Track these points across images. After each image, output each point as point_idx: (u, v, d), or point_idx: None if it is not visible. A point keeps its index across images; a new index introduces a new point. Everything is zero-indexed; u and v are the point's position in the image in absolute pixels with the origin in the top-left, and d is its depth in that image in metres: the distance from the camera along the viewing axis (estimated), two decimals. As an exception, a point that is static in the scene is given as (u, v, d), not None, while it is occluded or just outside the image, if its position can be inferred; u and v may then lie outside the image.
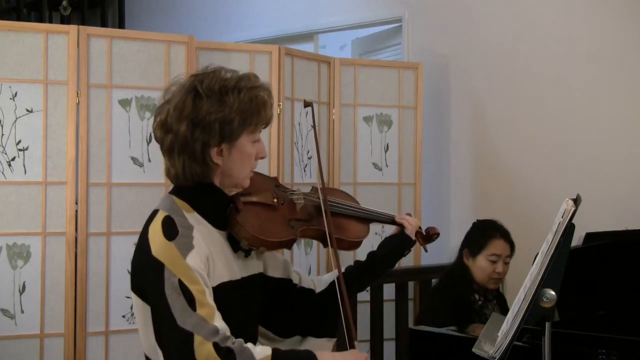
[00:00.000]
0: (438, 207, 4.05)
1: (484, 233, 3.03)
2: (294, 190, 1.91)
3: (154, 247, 1.62)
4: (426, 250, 2.16)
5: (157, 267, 1.60)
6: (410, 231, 2.02)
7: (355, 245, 1.95)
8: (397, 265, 3.69)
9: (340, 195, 2.08)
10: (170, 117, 1.69)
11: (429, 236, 2.08)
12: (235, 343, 1.57)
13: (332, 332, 1.96)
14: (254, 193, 1.80)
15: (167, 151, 1.71)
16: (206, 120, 1.66)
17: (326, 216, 1.81)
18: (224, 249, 1.74)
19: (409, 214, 2.10)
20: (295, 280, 1.95)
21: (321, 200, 1.85)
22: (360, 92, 3.73)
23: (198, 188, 1.72)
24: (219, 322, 1.58)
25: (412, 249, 3.66)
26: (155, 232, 1.64)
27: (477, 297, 2.98)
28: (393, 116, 3.79)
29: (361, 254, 2.06)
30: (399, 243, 2.02)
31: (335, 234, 1.88)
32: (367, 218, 2.00)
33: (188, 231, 1.65)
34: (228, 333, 1.58)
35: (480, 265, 2.97)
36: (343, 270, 1.98)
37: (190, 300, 1.57)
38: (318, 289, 1.95)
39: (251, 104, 1.70)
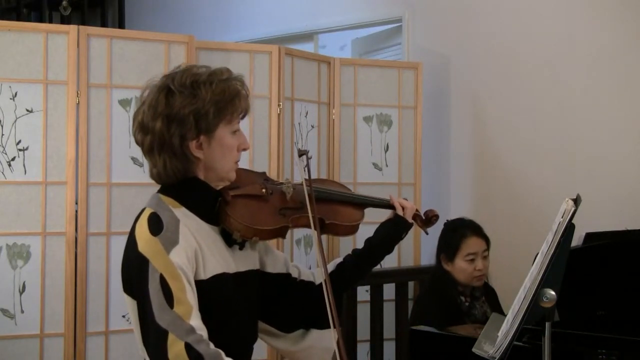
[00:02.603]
0: (438, 207, 3.98)
1: (455, 234, 3.02)
2: (283, 182, 1.91)
3: (140, 243, 1.63)
4: (427, 233, 2.14)
5: (143, 263, 1.60)
6: (406, 214, 2.00)
7: (351, 229, 1.94)
8: (397, 265, 3.73)
9: (333, 184, 2.08)
10: (146, 117, 1.70)
11: (428, 219, 2.06)
12: (210, 349, 1.56)
13: (335, 323, 1.95)
14: (242, 186, 1.81)
15: (148, 151, 1.72)
16: (180, 114, 1.67)
17: (309, 199, 1.80)
18: (217, 243, 1.74)
19: (405, 199, 2.07)
20: (295, 274, 1.95)
21: (303, 182, 1.84)
22: (360, 92, 3.73)
23: (183, 184, 1.72)
24: (195, 322, 1.57)
25: (412, 246, 3.72)
26: (142, 229, 1.65)
27: (463, 299, 2.97)
28: (393, 116, 3.79)
29: (361, 243, 2.05)
30: (394, 227, 2.00)
31: (330, 219, 1.88)
32: (361, 203, 2.00)
33: (174, 226, 1.65)
34: (204, 334, 1.58)
35: (460, 267, 2.97)
36: (341, 259, 2.00)
37: (168, 296, 1.57)
38: (318, 281, 1.94)
39: (224, 94, 1.70)
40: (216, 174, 1.75)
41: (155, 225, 1.64)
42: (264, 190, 1.83)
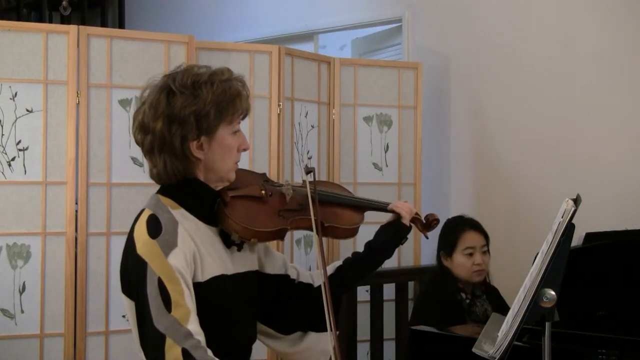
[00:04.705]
0: (438, 207, 4.04)
1: (454, 230, 3.03)
2: (283, 183, 1.90)
3: (138, 245, 1.63)
4: (427, 237, 2.14)
5: (141, 265, 1.60)
6: (405, 218, 1.98)
7: (350, 232, 1.93)
8: (397, 265, 3.72)
9: (332, 186, 2.08)
10: (146, 117, 1.70)
11: (428, 223, 2.05)
12: (207, 356, 1.56)
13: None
14: (241, 187, 1.80)
15: (148, 152, 1.72)
16: (181, 114, 1.67)
17: (313, 202, 1.80)
18: (215, 245, 1.74)
19: (405, 201, 2.06)
20: (293, 276, 1.95)
21: (307, 186, 1.84)
22: (360, 92, 3.73)
23: (183, 184, 1.72)
24: (193, 326, 1.57)
25: (412, 246, 3.72)
26: (140, 231, 1.65)
27: (463, 296, 2.98)
28: (393, 116, 3.79)
29: (360, 242, 2.05)
30: (395, 231, 1.98)
31: (329, 222, 1.88)
32: (360, 206, 1.99)
33: (172, 228, 1.65)
34: (202, 339, 1.58)
35: (459, 262, 2.98)
36: (340, 262, 1.99)
37: (166, 300, 1.57)
38: (316, 283, 1.94)
39: (225, 95, 1.70)
40: (216, 175, 1.75)
41: (154, 227, 1.64)
42: (263, 191, 1.83)
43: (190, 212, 1.72)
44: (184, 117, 1.67)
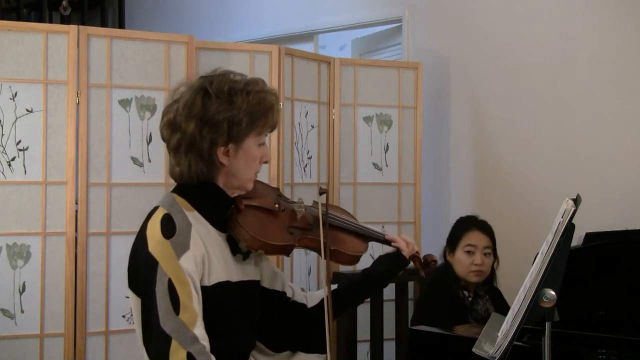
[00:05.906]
0: (438, 207, 4.05)
1: (460, 227, 3.07)
2: (296, 201, 1.92)
3: (150, 243, 1.63)
4: (423, 276, 2.15)
5: (152, 264, 1.60)
6: (405, 252, 2.00)
7: (352, 259, 1.94)
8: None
9: (342, 212, 2.09)
10: (179, 116, 1.70)
11: (426, 263, 2.07)
12: None
13: (322, 348, 1.92)
14: (255, 197, 1.82)
15: (174, 149, 1.72)
16: (215, 119, 1.68)
17: (323, 226, 1.82)
18: (223, 250, 1.74)
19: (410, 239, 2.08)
20: (289, 294, 1.95)
21: (319, 207, 1.86)
22: (360, 92, 3.73)
23: (201, 187, 1.73)
24: (199, 331, 1.57)
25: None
26: (154, 229, 1.65)
27: (465, 293, 2.98)
28: (393, 116, 3.79)
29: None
30: (393, 263, 2.00)
31: (334, 246, 1.89)
32: (366, 235, 2.01)
33: (186, 230, 1.65)
34: (207, 344, 1.58)
35: (459, 259, 3.00)
36: (335, 286, 1.99)
37: (175, 302, 1.57)
38: (310, 304, 1.94)
39: (259, 106, 1.72)
40: (237, 182, 1.77)
41: (168, 227, 1.64)
42: (276, 205, 1.84)
43: (203, 215, 1.72)
44: (217, 122, 1.68)
